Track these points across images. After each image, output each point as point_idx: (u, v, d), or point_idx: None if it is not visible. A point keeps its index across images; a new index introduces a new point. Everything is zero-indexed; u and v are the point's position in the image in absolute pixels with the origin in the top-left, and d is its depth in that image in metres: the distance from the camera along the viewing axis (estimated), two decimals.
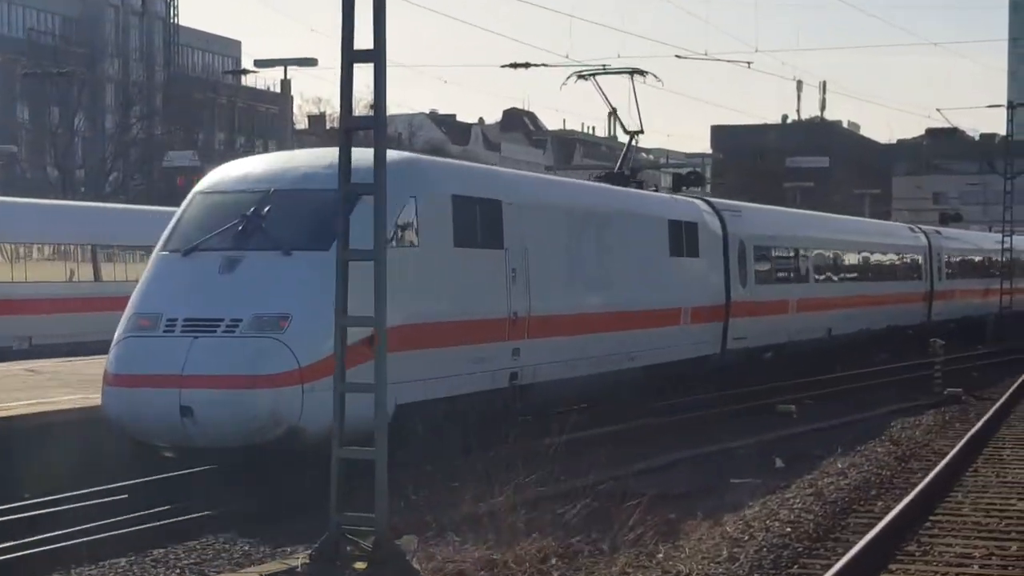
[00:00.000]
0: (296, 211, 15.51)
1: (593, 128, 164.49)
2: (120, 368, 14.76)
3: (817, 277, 32.82)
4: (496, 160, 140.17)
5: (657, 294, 22.96)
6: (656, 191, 27.47)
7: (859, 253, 36.93)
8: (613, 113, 28.30)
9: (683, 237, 24.31)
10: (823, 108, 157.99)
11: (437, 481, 14.87)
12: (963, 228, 62.87)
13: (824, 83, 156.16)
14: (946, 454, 17.66)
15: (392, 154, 14.93)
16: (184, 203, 16.61)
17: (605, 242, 21.30)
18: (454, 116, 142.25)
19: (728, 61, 44.15)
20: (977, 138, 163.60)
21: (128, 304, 15.49)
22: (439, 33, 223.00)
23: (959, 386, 27.38)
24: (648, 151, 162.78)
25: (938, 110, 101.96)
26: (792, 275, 31.18)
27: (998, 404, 23.96)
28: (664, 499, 14.69)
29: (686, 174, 34.75)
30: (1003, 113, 57.46)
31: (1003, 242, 51.89)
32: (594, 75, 26.58)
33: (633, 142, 27.97)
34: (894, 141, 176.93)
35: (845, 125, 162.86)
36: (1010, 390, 26.69)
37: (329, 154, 15.89)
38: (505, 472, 13.20)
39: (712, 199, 30.35)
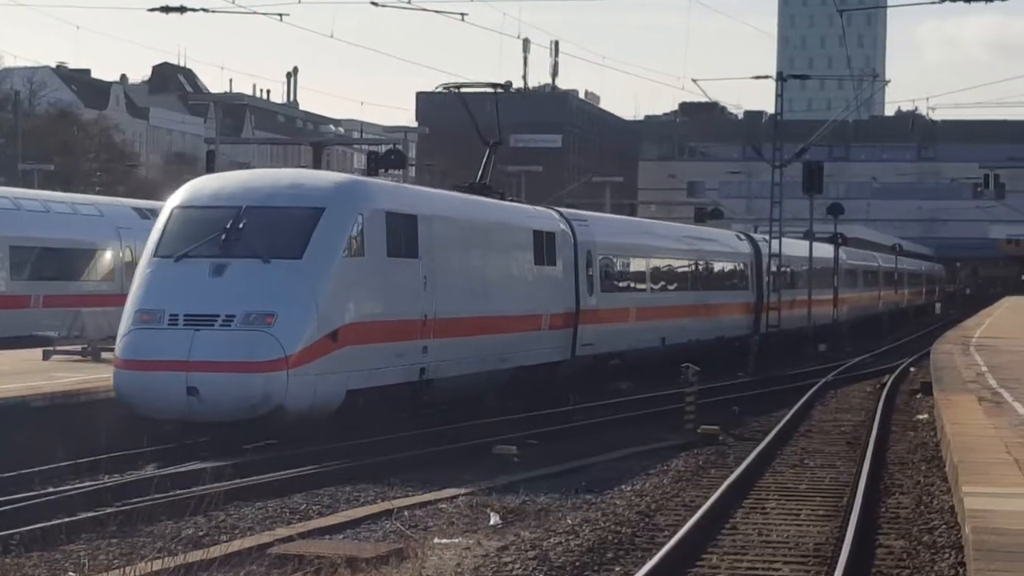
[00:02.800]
0: (267, 225, 23.39)
1: (267, 92, 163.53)
2: (131, 354, 22.46)
3: (654, 286, 40.75)
4: (144, 129, 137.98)
5: (526, 301, 30.88)
6: (506, 197, 34.28)
7: (692, 262, 44.61)
8: (294, 73, 29.94)
9: (544, 247, 31.97)
10: (555, 74, 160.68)
11: None
12: (725, 227, 65.06)
13: (556, 44, 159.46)
14: (699, 507, 18.11)
15: (342, 176, 26.66)
16: (163, 215, 24.52)
17: (488, 251, 29.20)
18: (88, 72, 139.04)
19: (437, 12, 44.25)
20: (740, 116, 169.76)
21: (128, 301, 23.32)
22: None
23: (716, 423, 28.20)
24: (338, 123, 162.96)
25: (694, 81, 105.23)
26: (632, 284, 38.99)
27: (761, 445, 24.77)
28: (352, 565, 14.62)
29: (384, 153, 35.60)
30: (771, 86, 58.98)
31: (770, 244, 53.71)
32: (459, 88, 34.65)
33: (493, 153, 34.56)
34: (641, 117, 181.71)
35: (582, 96, 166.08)
36: (775, 428, 27.64)
37: (288, 174, 26.32)
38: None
39: (562, 209, 36.73)
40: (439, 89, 36.47)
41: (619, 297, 37.30)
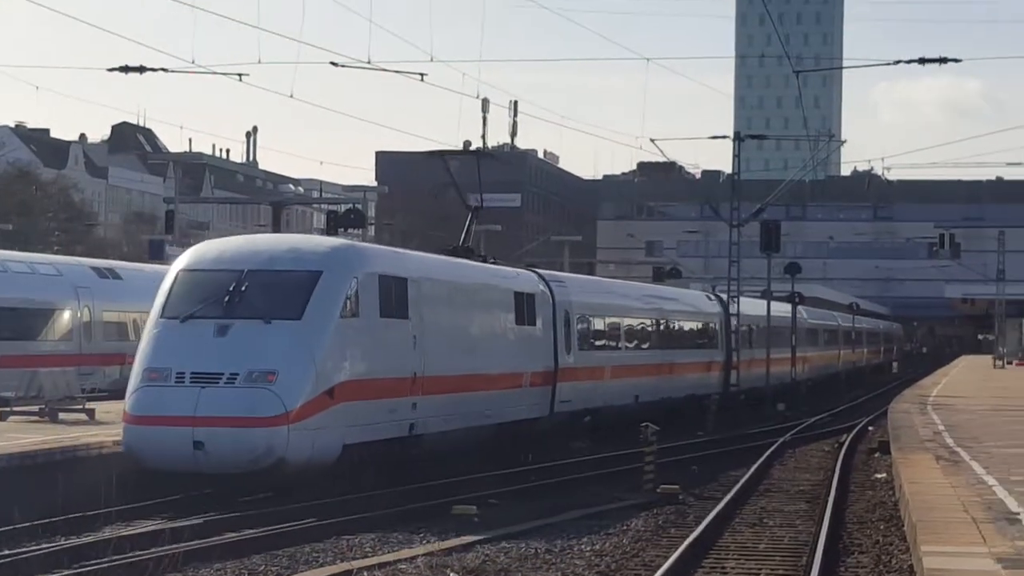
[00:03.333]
0: (268, 287, 24.77)
1: (227, 151, 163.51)
2: (140, 411, 23.72)
3: (627, 345, 42.07)
4: (103, 188, 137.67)
5: (508, 359, 32.37)
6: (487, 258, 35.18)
7: (664, 322, 46.04)
8: (253, 132, 30.38)
9: (524, 307, 33.38)
10: (514, 134, 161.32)
11: None
12: (683, 286, 65.29)
13: (515, 103, 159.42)
14: (659, 567, 18.08)
15: (337, 241, 28.56)
16: (169, 278, 25.73)
17: (473, 312, 30.75)
18: (48, 132, 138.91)
19: (396, 72, 44.39)
20: (698, 176, 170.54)
21: (136, 360, 24.76)
22: (31, 27, 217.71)
23: (675, 482, 28.18)
24: (297, 182, 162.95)
25: (652, 140, 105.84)
26: (607, 343, 40.33)
27: (721, 505, 24.75)
28: None
29: (343, 212, 35.76)
30: (729, 146, 59.24)
31: (728, 303, 53.87)
32: (443, 155, 36.05)
33: (475, 217, 36.39)
34: (600, 177, 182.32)
35: (541, 155, 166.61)
36: (735, 488, 27.65)
37: (286, 239, 28.52)
38: None
39: (540, 270, 38.13)
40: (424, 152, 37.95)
41: (595, 356, 38.69)
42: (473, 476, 28.31)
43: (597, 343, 39.48)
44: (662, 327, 46.02)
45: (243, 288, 24.77)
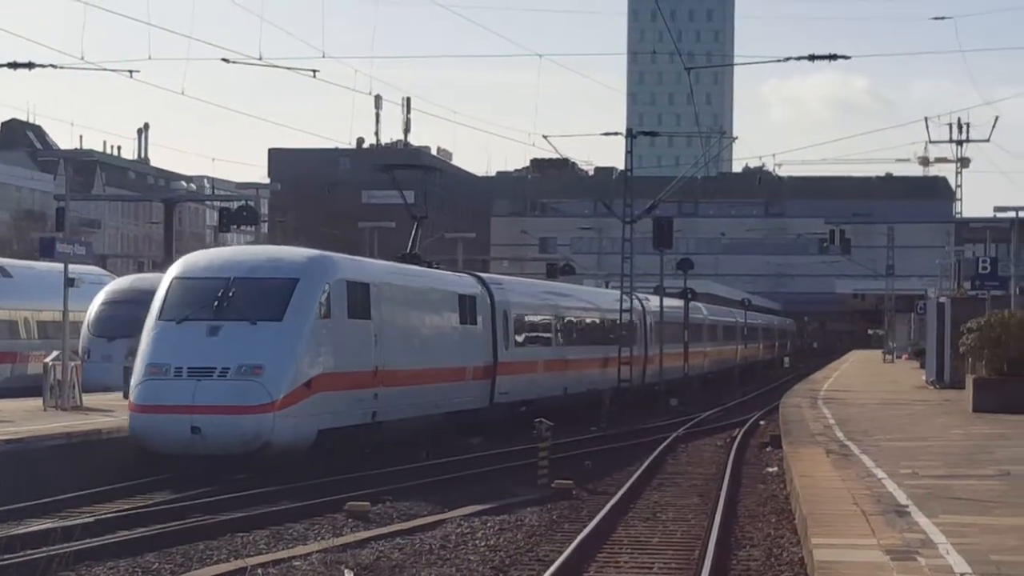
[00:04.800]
0: (253, 293, 28.06)
1: (118, 148, 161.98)
2: (143, 400, 26.93)
3: (558, 341, 45.96)
4: None
5: (454, 355, 35.96)
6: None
7: (590, 320, 50.29)
8: (145, 129, 30.87)
9: (467, 308, 37.17)
10: (407, 131, 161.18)
11: None
12: (577, 282, 65.62)
13: (408, 100, 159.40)
14: (552, 561, 18.16)
15: (312, 252, 31.30)
16: (164, 285, 28.97)
17: (423, 313, 34.55)
18: None
19: (288, 68, 44.21)
20: (591, 172, 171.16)
21: (138, 357, 27.91)
22: None
23: (569, 477, 28.29)
24: (190, 179, 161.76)
25: (545, 137, 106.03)
26: (541, 339, 44.21)
27: (614, 500, 24.89)
28: None
29: (236, 209, 35.69)
30: (621, 143, 59.29)
31: (621, 300, 54.14)
32: (391, 168, 40.30)
33: (420, 227, 39.97)
34: (493, 174, 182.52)
35: (434, 152, 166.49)
36: (628, 482, 27.81)
37: (266, 251, 32.37)
38: None
39: (480, 274, 42.32)
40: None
41: (530, 351, 42.69)
42: (368, 472, 28.34)
43: (531, 340, 43.19)
44: (588, 324, 50.05)
45: (231, 293, 28.10)
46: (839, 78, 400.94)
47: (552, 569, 17.43)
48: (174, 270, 29.76)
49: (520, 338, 41.68)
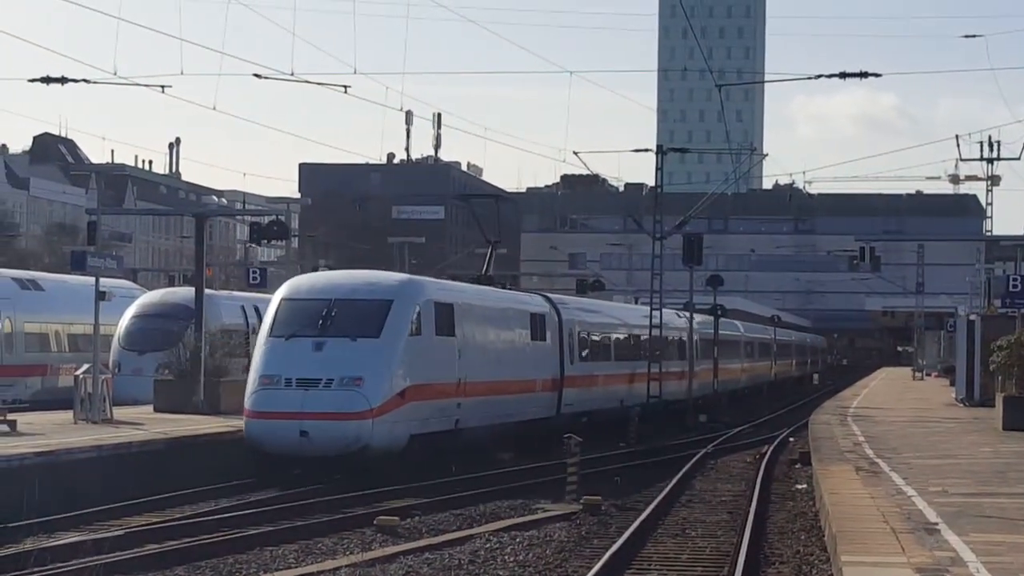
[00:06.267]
0: (352, 313, 31.28)
1: (149, 163, 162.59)
2: (258, 407, 30.14)
3: (615, 356, 48.92)
4: (24, 199, 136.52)
5: (526, 369, 39.18)
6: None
7: (642, 336, 52.82)
8: (176, 144, 30.95)
9: (537, 325, 40.55)
10: (438, 146, 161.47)
11: None
12: (606, 298, 65.68)
13: (439, 116, 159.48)
14: None
15: (404, 276, 37.00)
16: (274, 305, 32.27)
17: (500, 330, 37.65)
18: None
19: (319, 84, 44.34)
20: (621, 189, 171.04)
21: (252, 369, 31.38)
22: None
23: (598, 492, 28.25)
24: (221, 194, 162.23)
25: (575, 153, 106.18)
26: (600, 355, 47.32)
27: (643, 515, 24.83)
28: None
29: (267, 224, 35.82)
30: (651, 159, 59.27)
31: (651, 316, 54.09)
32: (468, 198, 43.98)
33: (494, 250, 43.99)
34: (523, 189, 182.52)
35: (464, 168, 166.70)
36: (657, 498, 27.74)
37: (363, 275, 34.91)
38: None
39: (548, 294, 46.09)
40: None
41: (591, 366, 45.68)
42: (397, 487, 28.36)
43: (592, 355, 46.18)
44: (641, 341, 52.66)
45: (333, 313, 31.27)
46: (866, 96, 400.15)
47: None
48: (282, 292, 32.94)
49: (583, 353, 44.74)
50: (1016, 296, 49.11)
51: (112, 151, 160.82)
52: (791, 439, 46.46)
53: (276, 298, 32.86)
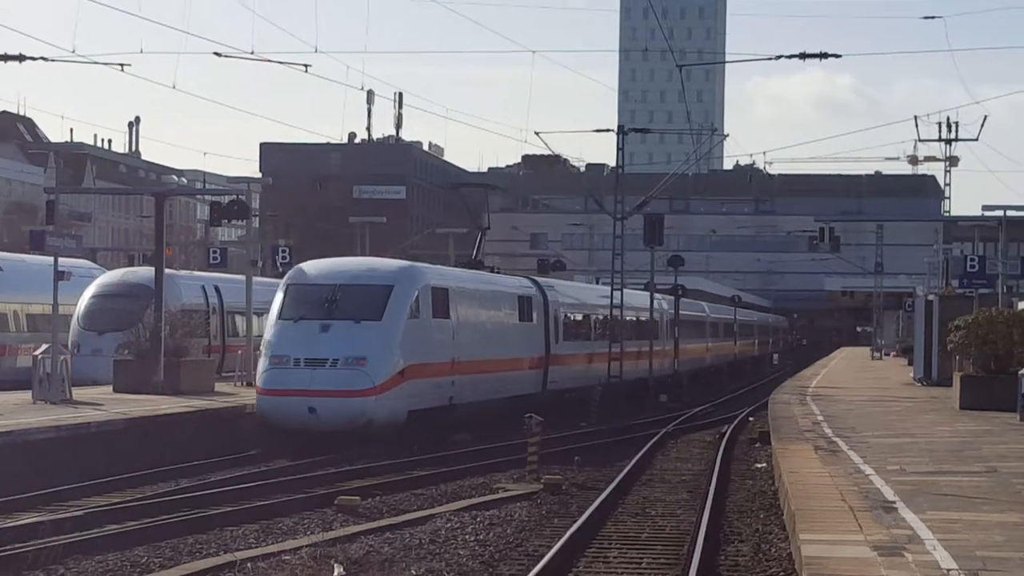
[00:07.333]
0: (356, 297, 33.72)
1: (109, 142, 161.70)
2: (269, 385, 32.50)
3: (597, 336, 51.60)
4: None
5: (514, 348, 41.79)
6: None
7: (626, 317, 54.81)
8: (136, 123, 30.60)
9: (525, 307, 43.15)
10: (399, 126, 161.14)
11: None
12: (567, 278, 65.69)
13: (400, 95, 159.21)
14: (542, 556, 18.19)
15: (404, 263, 38.58)
16: (282, 289, 34.63)
17: (490, 312, 40.21)
18: None
19: (280, 63, 44.26)
20: (583, 169, 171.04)
21: (263, 349, 33.71)
22: None
23: (559, 472, 28.30)
24: (181, 173, 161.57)
25: (537, 133, 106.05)
26: (582, 335, 50.03)
27: (604, 495, 24.91)
28: None
29: (227, 204, 35.75)
30: (613, 139, 59.24)
31: (611, 296, 54.16)
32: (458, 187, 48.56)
33: (483, 237, 46.90)
34: (485, 169, 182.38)
35: (426, 148, 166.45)
36: (617, 478, 27.82)
37: (366, 261, 38.21)
38: None
39: (535, 277, 49.39)
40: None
41: (574, 345, 48.33)
42: (358, 467, 28.37)
43: (575, 335, 48.70)
44: (625, 321, 54.73)
45: (337, 297, 33.63)
46: (824, 77, 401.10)
47: (541, 564, 17.46)
48: (289, 278, 35.46)
49: (567, 333, 47.18)
50: (973, 276, 49.40)
51: (71, 130, 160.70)
52: (751, 418, 46.63)
53: (284, 283, 35.26)
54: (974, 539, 15.06)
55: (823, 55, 42.71)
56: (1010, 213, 49.76)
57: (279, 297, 34.57)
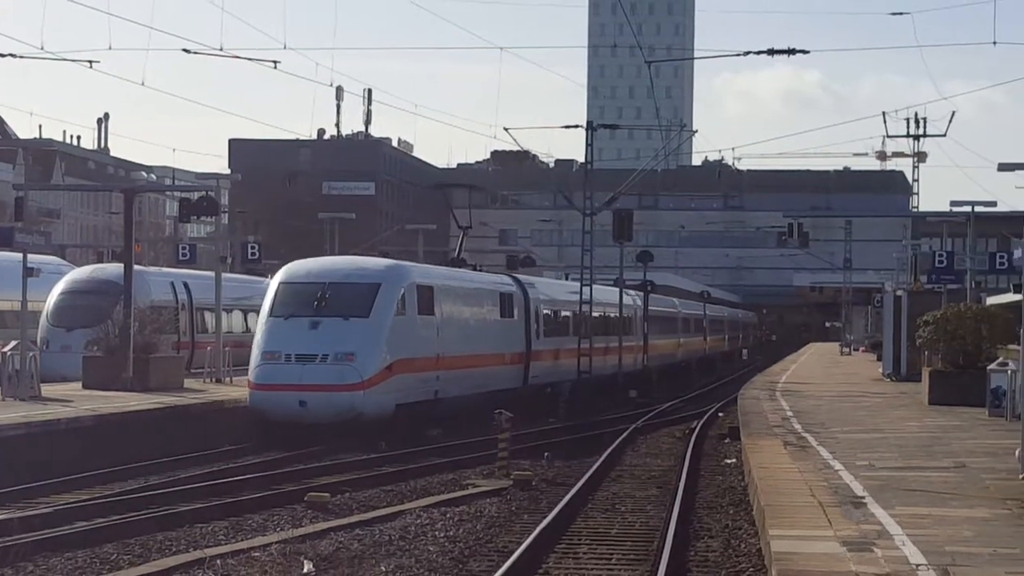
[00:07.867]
0: (345, 294, 34.73)
1: (78, 138, 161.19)
2: (261, 380, 33.48)
3: (575, 332, 52.50)
4: None
5: (496, 344, 42.91)
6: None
7: (595, 314, 55.35)
8: (105, 119, 30.48)
9: (506, 304, 44.39)
10: (368, 122, 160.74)
11: None
12: (536, 274, 65.70)
13: (369, 91, 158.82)
14: (512, 552, 18.18)
15: (391, 261, 40.12)
16: (273, 287, 35.77)
17: (473, 309, 41.37)
18: None
19: (249, 59, 44.11)
20: (552, 165, 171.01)
21: (254, 345, 34.53)
22: None
23: (529, 468, 28.28)
24: (150, 169, 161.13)
25: (506, 129, 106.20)
26: (562, 331, 51.08)
27: (573, 491, 24.89)
28: None
29: (196, 200, 35.71)
30: (582, 135, 59.25)
31: (581, 292, 54.20)
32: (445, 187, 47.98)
33: (465, 235, 48.91)
34: (454, 165, 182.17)
35: (395, 144, 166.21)
36: (587, 474, 27.82)
37: (355, 260, 38.86)
38: None
39: (516, 274, 49.92)
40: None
41: (554, 341, 49.40)
42: (327, 463, 28.33)
43: (555, 331, 49.73)
44: (595, 318, 55.38)
45: (327, 295, 34.63)
46: (792, 73, 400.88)
47: (511, 560, 17.45)
48: (280, 276, 36.37)
49: (547, 330, 48.30)
50: (942, 272, 49.56)
51: (40, 126, 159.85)
52: (720, 414, 46.66)
53: (275, 281, 36.32)
54: (943, 534, 15.11)
55: (791, 51, 42.74)
56: (978, 209, 49.91)
57: (269, 295, 35.58)
